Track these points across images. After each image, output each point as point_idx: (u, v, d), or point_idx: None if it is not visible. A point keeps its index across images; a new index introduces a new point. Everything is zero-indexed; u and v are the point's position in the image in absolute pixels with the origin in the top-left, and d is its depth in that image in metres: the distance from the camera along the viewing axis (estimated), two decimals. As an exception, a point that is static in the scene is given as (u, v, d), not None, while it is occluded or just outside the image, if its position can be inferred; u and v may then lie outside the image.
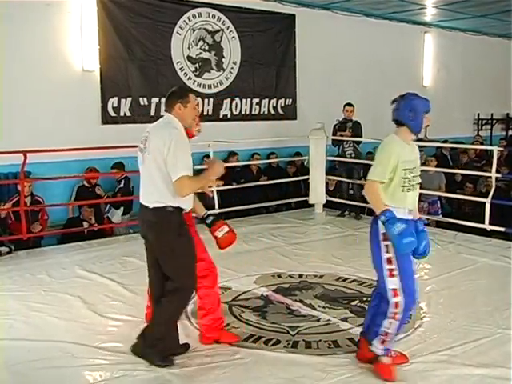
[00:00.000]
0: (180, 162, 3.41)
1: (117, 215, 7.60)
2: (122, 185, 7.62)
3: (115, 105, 8.03)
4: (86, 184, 7.57)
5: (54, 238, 7.16)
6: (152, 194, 3.53)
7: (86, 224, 7.16)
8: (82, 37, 7.65)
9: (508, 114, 14.57)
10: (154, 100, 8.29)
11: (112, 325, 4.31)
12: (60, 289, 5.14)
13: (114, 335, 4.12)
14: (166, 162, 3.41)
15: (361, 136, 8.17)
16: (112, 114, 8.01)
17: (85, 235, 7.08)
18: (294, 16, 9.83)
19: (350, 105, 8.25)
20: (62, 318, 4.44)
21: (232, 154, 8.60)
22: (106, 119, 7.97)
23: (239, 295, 4.98)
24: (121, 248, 6.51)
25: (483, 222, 6.85)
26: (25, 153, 6.34)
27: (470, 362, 3.64)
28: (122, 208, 7.59)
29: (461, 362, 3.66)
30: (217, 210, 7.68)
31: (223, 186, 7.88)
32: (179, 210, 3.56)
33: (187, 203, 3.63)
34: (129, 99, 8.12)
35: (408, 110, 3.48)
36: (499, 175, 7.37)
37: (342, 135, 8.14)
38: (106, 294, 4.98)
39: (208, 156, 8.02)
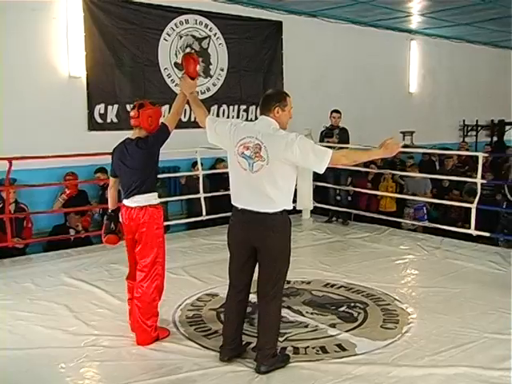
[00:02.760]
0: (317, 149, 3.49)
1: None
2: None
3: (102, 111, 7.99)
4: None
5: (39, 246, 7.09)
6: (272, 200, 3.50)
7: (72, 231, 7.11)
8: (68, 43, 7.61)
9: (492, 120, 14.72)
10: (142, 107, 8.28)
11: (99, 333, 4.26)
12: (46, 297, 5.09)
13: (102, 343, 4.08)
14: (306, 164, 3.53)
15: (348, 143, 8.20)
16: (99, 120, 7.97)
17: (71, 242, 7.02)
18: (281, 23, 9.86)
19: (336, 111, 8.28)
20: (47, 326, 4.39)
21: (219, 160, 8.59)
22: (93, 126, 7.93)
23: (227, 302, 4.96)
24: (108, 255, 6.45)
25: (469, 228, 6.91)
26: (10, 160, 6.28)
27: (457, 367, 3.65)
28: None
29: (448, 366, 3.67)
30: (205, 217, 7.69)
31: (211, 192, 7.97)
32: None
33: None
34: (116, 106, 8.08)
35: None
36: (484, 181, 7.43)
37: (328, 142, 8.16)
38: (93, 302, 4.93)
39: (195, 163, 8.02)
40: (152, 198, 4.09)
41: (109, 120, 8.05)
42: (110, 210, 4.30)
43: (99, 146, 7.05)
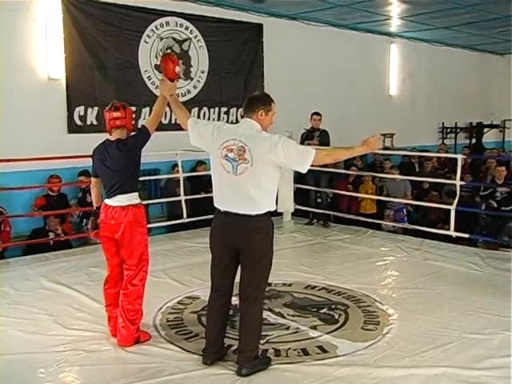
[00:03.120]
0: (299, 150, 3.54)
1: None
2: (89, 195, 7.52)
3: (81, 114, 7.93)
4: (50, 193, 7.43)
5: (18, 249, 7.01)
6: (256, 202, 3.50)
7: (51, 234, 7.04)
8: (47, 44, 7.55)
9: (471, 123, 14.91)
10: (122, 109, 8.23)
11: (79, 337, 4.22)
12: (25, 301, 5.03)
13: (82, 348, 4.04)
14: (289, 165, 3.55)
15: (328, 145, 8.22)
16: (78, 122, 7.92)
17: (51, 246, 6.95)
18: (261, 25, 9.89)
19: (317, 114, 8.31)
20: (27, 331, 4.34)
21: (200, 163, 8.58)
22: (72, 128, 7.87)
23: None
24: (87, 259, 6.41)
25: (449, 229, 6.98)
26: (-12, 163, 6.22)
27: (437, 367, 3.68)
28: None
29: (428, 367, 3.70)
30: (186, 219, 7.66)
31: (191, 195, 7.95)
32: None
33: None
34: (95, 108, 8.02)
35: None
36: (463, 183, 7.51)
37: (309, 144, 8.17)
38: (73, 306, 4.89)
39: (175, 165, 8.00)
40: (133, 198, 4.10)
41: (89, 122, 8.00)
42: (95, 208, 4.31)
43: (79, 149, 7.00)
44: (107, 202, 4.10)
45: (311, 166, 3.51)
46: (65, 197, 7.57)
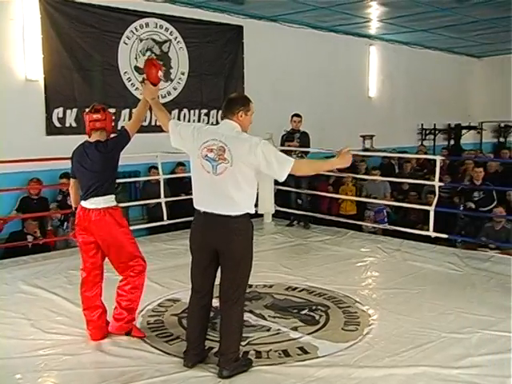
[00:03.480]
0: (280, 156, 3.49)
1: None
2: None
3: (60, 115, 7.86)
4: (29, 196, 7.36)
5: (-4, 253, 6.93)
6: (235, 203, 3.50)
7: (30, 238, 6.96)
8: (24, 45, 7.47)
9: (449, 124, 15.08)
10: (101, 110, 8.16)
11: (58, 341, 4.17)
12: (2, 305, 4.95)
13: (61, 352, 3.99)
14: (268, 169, 3.48)
15: (308, 146, 8.26)
16: (57, 124, 7.84)
17: (29, 249, 6.87)
18: (241, 27, 9.89)
19: (297, 115, 8.33)
20: (4, 336, 4.28)
21: (180, 164, 8.55)
22: (51, 130, 7.79)
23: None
24: (67, 261, 6.33)
25: (428, 230, 7.04)
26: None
27: (417, 367, 3.71)
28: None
29: (408, 366, 3.73)
30: (166, 222, 7.63)
31: (171, 197, 7.92)
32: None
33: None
34: (74, 110, 7.96)
35: None
36: (442, 184, 7.59)
37: (289, 146, 8.21)
38: (52, 310, 4.83)
39: (156, 167, 7.96)
40: (110, 200, 4.09)
41: (67, 124, 7.93)
42: (74, 208, 4.30)
43: (58, 151, 6.92)
44: (83, 204, 4.08)
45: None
46: (46, 200, 7.49)
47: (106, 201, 4.05)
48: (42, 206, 7.36)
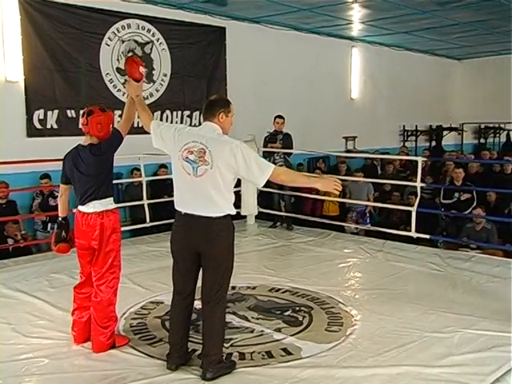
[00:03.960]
0: (260, 161, 3.53)
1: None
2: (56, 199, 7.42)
3: (41, 117, 7.78)
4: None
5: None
6: (216, 204, 3.49)
7: (11, 241, 6.88)
8: (4, 46, 7.37)
9: (431, 125, 15.21)
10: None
11: (39, 345, 4.13)
12: (-18, 309, 4.90)
13: (42, 356, 3.95)
14: (247, 174, 3.48)
15: (291, 148, 8.28)
16: (38, 126, 7.76)
17: (10, 252, 6.78)
18: (224, 29, 9.88)
19: (280, 117, 8.34)
20: (-16, 340, 4.23)
21: (162, 166, 8.52)
22: (32, 132, 7.70)
23: (172, 309, 4.90)
24: (48, 265, 6.28)
25: (410, 230, 7.09)
26: None
27: (399, 366, 3.73)
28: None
29: (390, 366, 3.75)
30: (148, 224, 7.59)
31: (153, 199, 7.88)
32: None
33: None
34: (56, 111, 7.89)
35: None
36: (424, 184, 7.64)
37: (272, 147, 8.22)
38: (33, 314, 4.77)
39: (138, 169, 7.91)
40: (109, 203, 4.06)
41: (49, 126, 7.85)
42: (60, 218, 4.22)
43: (39, 153, 6.87)
44: (81, 208, 4.03)
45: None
46: (14, 203, 7.28)
47: (105, 204, 4.02)
48: (10, 210, 7.18)
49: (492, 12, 9.61)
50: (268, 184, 3.64)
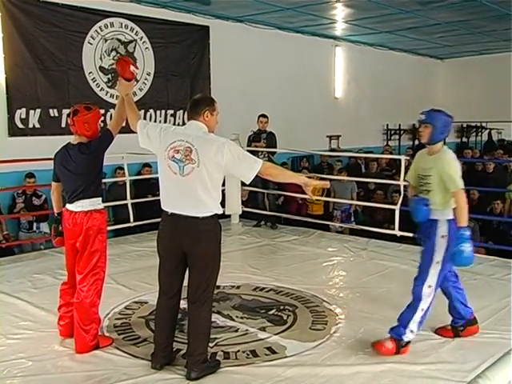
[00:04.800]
0: (248, 156, 3.52)
1: (46, 228, 7.35)
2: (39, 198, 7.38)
3: (23, 116, 7.69)
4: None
5: (-44, 257, 6.74)
6: (203, 204, 3.48)
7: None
8: (-16, 44, 7.31)
9: (414, 124, 15.29)
10: (65, 111, 7.96)
11: (22, 347, 4.09)
12: (-37, 311, 4.84)
13: (24, 357, 3.91)
14: (235, 170, 3.50)
15: (275, 147, 8.30)
16: (20, 125, 7.67)
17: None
18: (208, 28, 9.85)
19: (264, 116, 8.35)
20: (-35, 341, 4.18)
21: (146, 165, 8.48)
22: (14, 131, 7.62)
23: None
24: (31, 265, 6.23)
25: (394, 229, 7.13)
26: None
27: (383, 364, 3.77)
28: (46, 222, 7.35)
29: (374, 364, 3.78)
30: (132, 223, 7.55)
31: (137, 198, 7.85)
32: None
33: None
34: (38, 110, 7.81)
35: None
36: (407, 183, 7.67)
37: (256, 146, 8.23)
38: (15, 315, 4.72)
39: (122, 168, 7.86)
40: (96, 203, 4.05)
41: (31, 125, 7.77)
42: (56, 214, 4.22)
43: (21, 152, 6.80)
44: (69, 207, 4.02)
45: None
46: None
47: (93, 203, 4.01)
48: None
49: (473, 12, 9.71)
50: (252, 183, 3.64)
